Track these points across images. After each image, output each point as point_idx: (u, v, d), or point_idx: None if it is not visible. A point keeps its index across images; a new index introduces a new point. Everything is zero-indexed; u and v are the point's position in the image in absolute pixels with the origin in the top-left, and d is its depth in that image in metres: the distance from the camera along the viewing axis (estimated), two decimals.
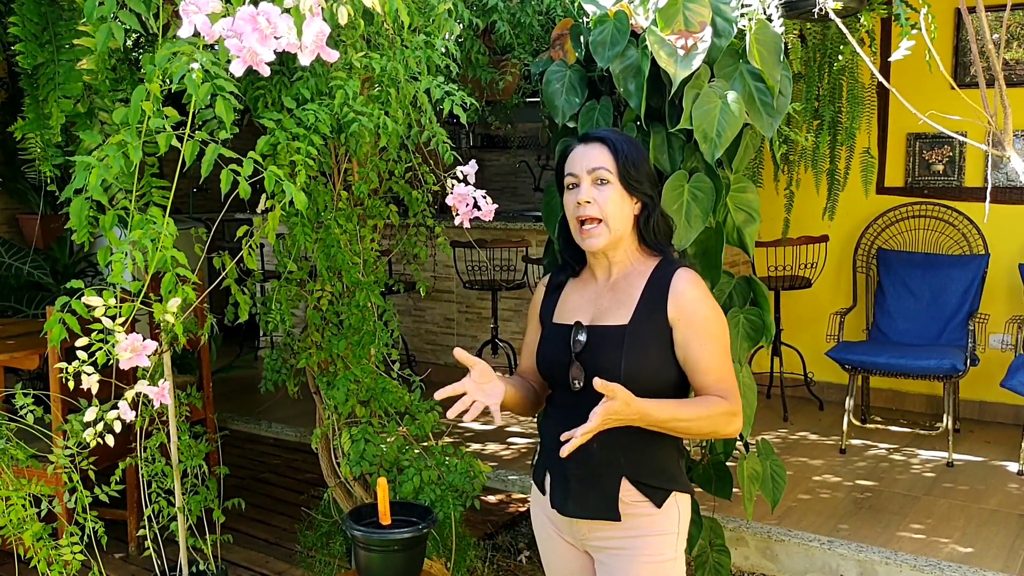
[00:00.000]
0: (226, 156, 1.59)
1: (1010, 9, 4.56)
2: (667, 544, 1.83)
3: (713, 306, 1.83)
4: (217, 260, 2.30)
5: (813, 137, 3.22)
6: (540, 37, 3.18)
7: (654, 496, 1.82)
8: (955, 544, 3.35)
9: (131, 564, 3.43)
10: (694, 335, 1.80)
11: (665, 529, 1.83)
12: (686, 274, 1.83)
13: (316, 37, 1.45)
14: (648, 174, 1.87)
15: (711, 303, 1.84)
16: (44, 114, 1.94)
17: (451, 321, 5.87)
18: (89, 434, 1.71)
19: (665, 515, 1.83)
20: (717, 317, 1.83)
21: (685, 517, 1.87)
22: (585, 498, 1.84)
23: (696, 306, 1.80)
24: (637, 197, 1.85)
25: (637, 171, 1.83)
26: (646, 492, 1.82)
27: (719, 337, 1.82)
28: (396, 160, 2.73)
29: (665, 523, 1.83)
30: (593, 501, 1.83)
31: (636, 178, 1.83)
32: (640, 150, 1.89)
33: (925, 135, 4.96)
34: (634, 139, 1.91)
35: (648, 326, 1.80)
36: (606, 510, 1.82)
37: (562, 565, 1.96)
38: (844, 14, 2.72)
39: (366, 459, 2.65)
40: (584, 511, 1.85)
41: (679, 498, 1.85)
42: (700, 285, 1.84)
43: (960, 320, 4.58)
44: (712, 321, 1.81)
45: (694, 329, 1.80)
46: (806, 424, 4.84)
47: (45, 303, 4.89)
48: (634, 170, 1.83)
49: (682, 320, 1.80)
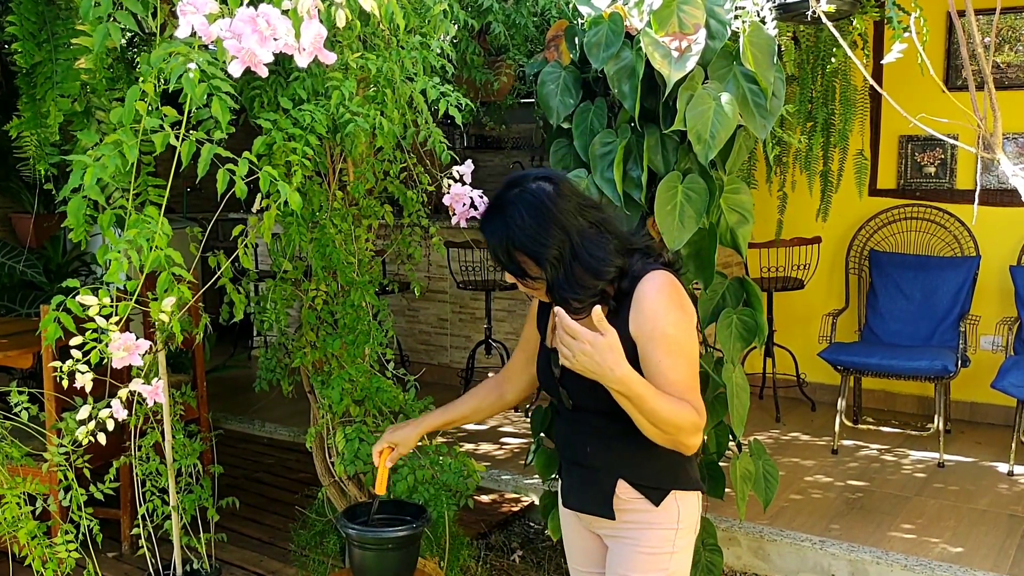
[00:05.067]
0: (222, 156, 1.59)
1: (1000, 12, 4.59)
2: (664, 538, 1.84)
3: (679, 318, 1.73)
4: (212, 259, 2.30)
5: (806, 139, 3.24)
6: (535, 38, 3.19)
7: (651, 495, 1.83)
8: (946, 544, 3.37)
9: (124, 563, 3.43)
10: (654, 349, 1.71)
11: (663, 524, 1.84)
12: (652, 283, 1.74)
13: (314, 39, 1.46)
14: (534, 239, 1.69)
15: (676, 314, 1.73)
16: (41, 113, 1.94)
17: (445, 321, 5.88)
18: (82, 432, 1.71)
19: (664, 512, 1.83)
20: (682, 331, 1.73)
21: (687, 513, 1.86)
22: (584, 494, 1.90)
23: (658, 319, 1.71)
24: (537, 281, 1.75)
25: (524, 257, 1.72)
26: (643, 491, 1.83)
27: (683, 351, 1.72)
28: (391, 160, 2.73)
29: (663, 519, 1.84)
30: (590, 498, 1.88)
31: (521, 270, 1.74)
32: (516, 230, 1.70)
33: (917, 137, 4.99)
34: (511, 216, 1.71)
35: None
36: (602, 507, 1.86)
37: (580, 543, 2.04)
38: (837, 17, 2.74)
39: (360, 458, 2.65)
40: (582, 506, 1.92)
41: (679, 496, 1.85)
42: (665, 292, 1.73)
43: (951, 322, 4.61)
44: (674, 336, 1.71)
45: (655, 343, 1.71)
46: (798, 425, 4.86)
47: (38, 302, 4.88)
48: (516, 262, 1.73)
49: (642, 335, 1.73)
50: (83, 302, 1.58)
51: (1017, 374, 3.95)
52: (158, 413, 2.69)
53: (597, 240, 1.73)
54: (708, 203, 2.45)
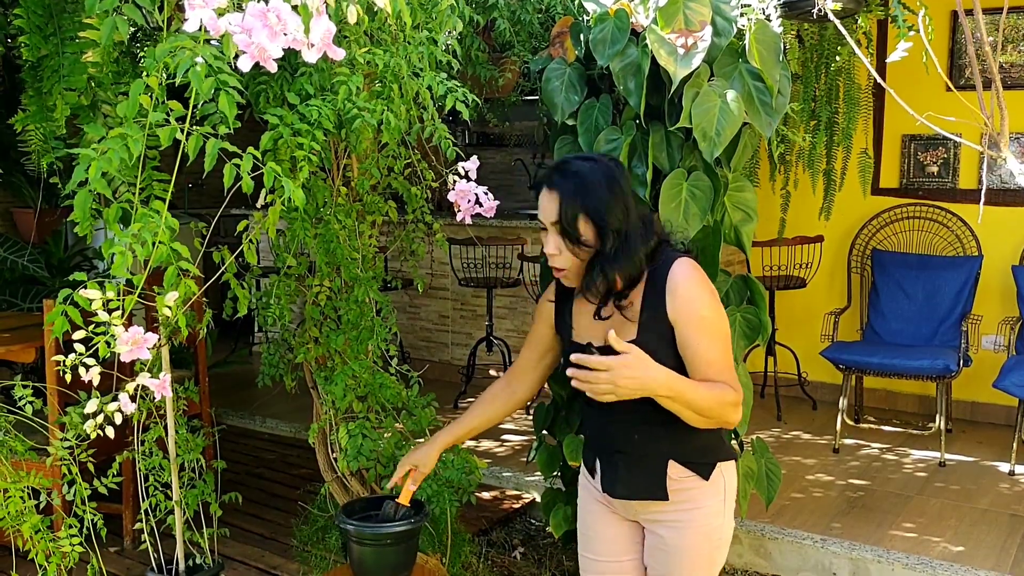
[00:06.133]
0: (228, 151, 1.59)
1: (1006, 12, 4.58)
2: (715, 509, 1.94)
3: (711, 301, 1.84)
4: (216, 255, 2.30)
5: (809, 137, 3.24)
6: (540, 35, 3.19)
7: (701, 470, 1.93)
8: (947, 543, 3.37)
9: (126, 558, 3.43)
10: (693, 332, 1.82)
11: (713, 495, 1.94)
12: (681, 269, 1.83)
13: (324, 35, 1.46)
14: (607, 208, 1.80)
15: (709, 298, 1.84)
16: (47, 107, 1.94)
17: (446, 319, 5.87)
18: (90, 426, 1.71)
19: (713, 485, 1.94)
20: (715, 311, 1.84)
21: (730, 482, 1.98)
22: (634, 481, 1.95)
23: (693, 304, 1.82)
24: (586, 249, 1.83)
25: (591, 222, 1.80)
26: (693, 468, 1.92)
27: (718, 331, 1.84)
28: (396, 156, 2.73)
29: (712, 491, 1.94)
30: (642, 483, 1.94)
31: (572, 230, 1.80)
32: (593, 194, 1.80)
33: (920, 137, 4.98)
34: (593, 178, 1.82)
35: (654, 335, 1.84)
36: (655, 490, 1.93)
37: (608, 531, 2.06)
38: (842, 15, 2.74)
39: (363, 454, 2.65)
40: (633, 493, 1.96)
41: (723, 467, 1.96)
42: (695, 278, 1.84)
43: (953, 321, 4.61)
44: (710, 318, 1.83)
45: (693, 326, 1.82)
46: (800, 423, 4.86)
47: (40, 297, 4.88)
48: (580, 224, 1.80)
49: (680, 319, 1.83)
50: (88, 296, 1.58)
51: (1019, 374, 3.95)
52: (161, 408, 2.69)
53: (639, 235, 1.84)
54: (713, 201, 2.45)
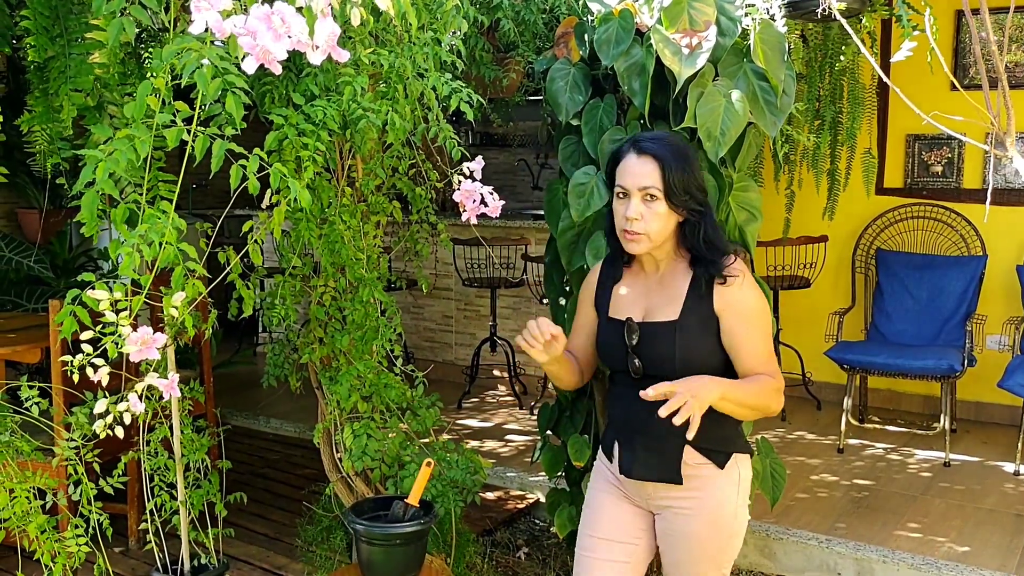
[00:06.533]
0: (234, 152, 1.59)
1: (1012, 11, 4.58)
2: (728, 499, 2.00)
3: (757, 295, 1.96)
4: (222, 255, 2.30)
5: (814, 137, 3.23)
6: (544, 35, 3.19)
7: (716, 458, 1.99)
8: (952, 543, 3.37)
9: (131, 558, 3.44)
10: (739, 324, 1.93)
11: (726, 485, 2.00)
12: (732, 265, 1.94)
13: (328, 37, 1.46)
14: (697, 186, 1.95)
15: (755, 292, 1.96)
16: (53, 108, 1.95)
17: (450, 319, 5.88)
18: (99, 426, 1.72)
19: (727, 475, 2.00)
20: (761, 305, 1.96)
21: (746, 474, 2.04)
22: (650, 463, 2.01)
23: (741, 297, 1.93)
24: (682, 210, 1.94)
25: (686, 187, 1.92)
26: (709, 456, 1.98)
27: (762, 323, 1.96)
28: (400, 157, 2.73)
29: (726, 481, 2.00)
30: (658, 465, 2.00)
31: (682, 195, 1.92)
32: (689, 161, 1.95)
33: (924, 136, 4.98)
34: (685, 148, 1.97)
35: (696, 318, 1.94)
36: (670, 473, 1.99)
37: (616, 513, 2.12)
38: (846, 15, 2.73)
39: (368, 454, 2.66)
40: (649, 474, 2.02)
41: (739, 459, 2.03)
42: (744, 274, 1.95)
43: (958, 321, 4.60)
44: (756, 310, 1.95)
45: (739, 319, 1.93)
46: (804, 423, 4.86)
47: (45, 298, 4.89)
48: (681, 187, 1.92)
49: (727, 311, 1.93)
50: (95, 296, 1.58)
51: (1023, 374, 3.94)
52: (166, 408, 2.70)
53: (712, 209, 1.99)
54: (717, 201, 2.45)
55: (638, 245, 1.97)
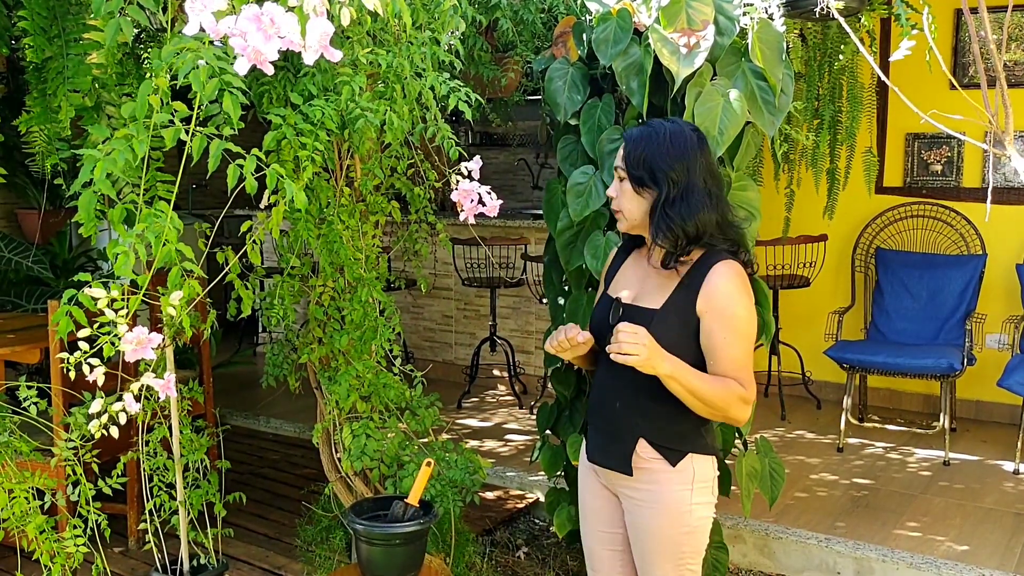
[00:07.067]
0: (232, 152, 1.59)
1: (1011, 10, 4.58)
2: (681, 497, 1.99)
3: (745, 302, 1.93)
4: (221, 255, 2.30)
5: (813, 136, 3.23)
6: (542, 34, 3.19)
7: (669, 456, 1.99)
8: (951, 542, 3.36)
9: (130, 558, 3.44)
10: (719, 328, 1.91)
11: (678, 482, 1.99)
12: (724, 268, 1.93)
13: (320, 37, 1.46)
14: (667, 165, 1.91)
15: (743, 300, 1.92)
16: (51, 108, 1.94)
17: (449, 319, 5.88)
18: (94, 426, 1.71)
19: (679, 473, 1.99)
20: (746, 315, 1.93)
21: (703, 475, 2.01)
22: (607, 450, 2.06)
23: (725, 302, 1.91)
24: (644, 190, 1.95)
25: (646, 163, 1.92)
26: (662, 452, 1.99)
27: (744, 331, 1.93)
28: (398, 156, 2.73)
29: (679, 478, 1.99)
30: (613, 454, 2.04)
31: (637, 171, 1.93)
32: (657, 141, 1.93)
33: (924, 135, 4.98)
34: (658, 130, 1.95)
35: (676, 315, 1.94)
36: (622, 464, 2.02)
37: (597, 503, 2.17)
38: (845, 14, 2.73)
39: (367, 454, 2.66)
40: (604, 461, 2.07)
41: (696, 459, 2.00)
42: (735, 280, 1.92)
43: (957, 320, 4.60)
44: (739, 319, 1.92)
45: (720, 323, 1.91)
46: (804, 423, 4.85)
47: (45, 298, 4.89)
48: (638, 163, 1.93)
49: (709, 313, 1.92)
50: (93, 295, 1.58)
51: (1023, 372, 3.94)
52: (165, 408, 2.70)
53: (703, 200, 1.91)
54: None
55: (620, 223, 2.03)
